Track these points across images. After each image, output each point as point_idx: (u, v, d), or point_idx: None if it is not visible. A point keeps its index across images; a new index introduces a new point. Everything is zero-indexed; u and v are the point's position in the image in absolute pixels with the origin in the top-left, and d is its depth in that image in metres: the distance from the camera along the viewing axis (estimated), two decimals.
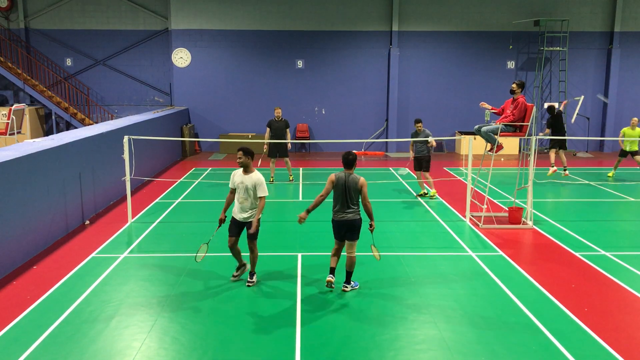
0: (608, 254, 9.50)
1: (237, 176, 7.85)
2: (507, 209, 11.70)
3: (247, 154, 7.74)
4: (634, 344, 6.36)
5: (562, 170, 15.75)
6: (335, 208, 7.66)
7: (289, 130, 15.15)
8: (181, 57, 21.40)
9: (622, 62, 21.88)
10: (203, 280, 8.21)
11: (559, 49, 21.53)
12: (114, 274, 8.45)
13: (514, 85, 10.93)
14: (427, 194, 13.72)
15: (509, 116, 10.93)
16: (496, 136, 10.98)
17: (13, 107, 18.19)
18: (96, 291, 7.78)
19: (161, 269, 8.73)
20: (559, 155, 15.85)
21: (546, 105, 16.03)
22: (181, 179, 15.91)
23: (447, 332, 6.62)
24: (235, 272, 8.24)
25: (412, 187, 14.88)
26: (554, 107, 15.88)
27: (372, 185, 13.54)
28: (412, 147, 13.79)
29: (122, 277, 8.36)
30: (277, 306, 7.34)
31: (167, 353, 6.12)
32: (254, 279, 8.04)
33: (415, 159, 13.66)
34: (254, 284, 8.01)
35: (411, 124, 21.98)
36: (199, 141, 21.90)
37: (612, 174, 16.34)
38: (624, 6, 21.54)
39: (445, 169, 17.94)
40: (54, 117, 21.30)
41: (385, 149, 22.14)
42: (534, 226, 11.14)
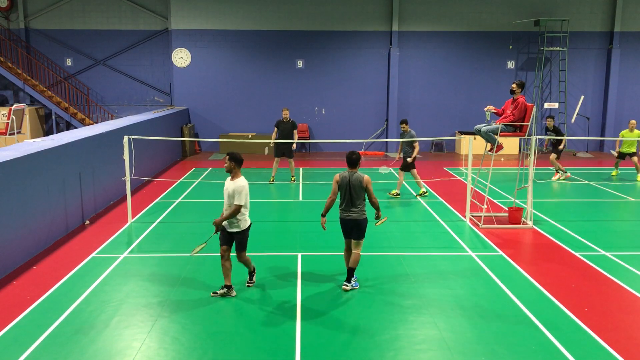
0: (608, 254, 9.50)
1: (226, 182, 7.57)
2: (507, 209, 11.70)
3: (232, 159, 7.38)
4: (634, 344, 6.36)
5: (563, 173, 15.89)
6: (341, 207, 7.80)
7: (296, 132, 15.24)
8: (181, 57, 21.41)
9: (622, 62, 21.87)
10: (203, 280, 8.21)
11: (559, 49, 21.53)
12: (114, 274, 8.45)
13: (513, 85, 10.93)
14: (425, 193, 13.71)
15: (509, 116, 10.92)
16: (496, 136, 10.98)
17: (13, 107, 18.19)
18: (96, 291, 7.78)
19: (161, 269, 8.73)
20: (553, 160, 15.90)
21: (549, 124, 15.97)
22: (181, 179, 15.91)
23: (447, 332, 6.62)
24: (249, 279, 8.08)
25: (412, 187, 14.88)
26: (552, 122, 15.95)
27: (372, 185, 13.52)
28: (400, 147, 13.80)
29: (122, 277, 8.36)
30: (277, 306, 7.34)
31: (167, 353, 6.12)
32: (253, 279, 8.06)
33: (403, 159, 13.65)
34: (253, 284, 8.03)
35: (411, 124, 21.82)
36: (199, 141, 21.90)
37: (615, 172, 16.37)
38: (624, 6, 21.53)
39: (445, 169, 17.94)
40: (54, 117, 21.30)
41: (385, 149, 22.13)
42: (534, 226, 11.14)
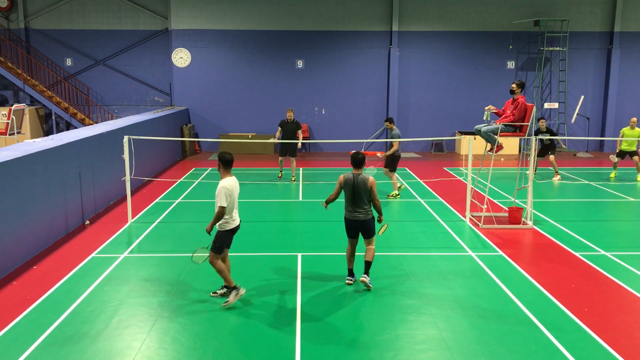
0: (608, 254, 9.50)
1: None
2: (507, 209, 11.70)
3: (218, 159, 7.21)
4: (634, 344, 6.36)
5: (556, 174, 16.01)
6: (347, 208, 7.79)
7: (300, 132, 15.43)
8: (181, 57, 21.41)
9: (622, 62, 21.87)
10: (203, 280, 8.21)
11: (559, 49, 21.53)
12: (114, 274, 8.45)
13: (513, 86, 10.93)
14: (397, 195, 13.59)
15: (509, 116, 10.92)
16: (496, 136, 10.98)
17: (13, 107, 18.19)
18: (96, 291, 7.78)
19: (161, 269, 8.73)
20: (553, 161, 15.93)
21: (542, 126, 15.94)
22: (181, 179, 15.91)
23: (447, 332, 6.62)
24: (219, 290, 7.67)
25: (412, 188, 14.89)
26: (544, 123, 15.97)
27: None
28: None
29: (122, 277, 8.36)
30: (277, 306, 7.34)
31: (167, 353, 6.12)
32: (219, 292, 7.55)
33: (391, 158, 13.63)
34: (216, 295, 7.51)
35: (411, 124, 22.06)
36: (199, 141, 21.90)
37: (613, 174, 16.33)
38: (624, 6, 21.54)
39: (445, 169, 17.94)
40: (54, 117, 21.30)
41: (385, 149, 22.11)
42: (534, 226, 11.13)
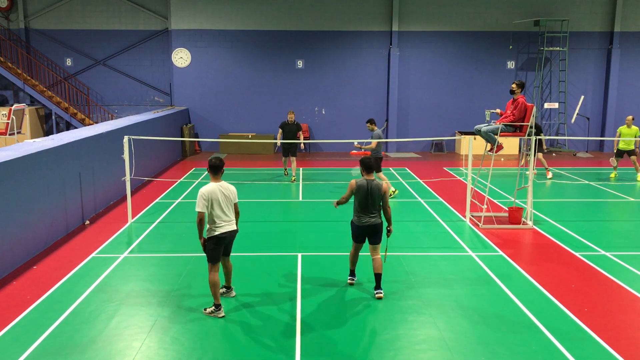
0: (608, 254, 9.50)
1: None
2: (507, 209, 11.70)
3: (207, 164, 7.08)
4: (634, 344, 6.36)
5: (546, 170, 16.10)
6: (357, 213, 7.66)
7: (301, 133, 15.71)
8: (181, 57, 21.41)
9: (622, 62, 21.88)
10: (203, 280, 8.19)
11: (559, 49, 21.53)
12: (114, 274, 8.45)
13: (513, 86, 10.93)
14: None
15: (509, 116, 10.92)
16: (496, 136, 10.98)
17: (13, 107, 18.19)
18: (96, 291, 7.78)
19: (161, 269, 8.73)
20: (541, 158, 15.94)
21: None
22: (181, 179, 15.91)
23: (447, 332, 6.62)
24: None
25: (412, 187, 14.88)
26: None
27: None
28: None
29: (122, 277, 8.36)
30: (277, 306, 7.33)
31: (167, 353, 6.12)
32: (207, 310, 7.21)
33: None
34: (205, 310, 7.17)
35: (411, 124, 22.06)
36: (199, 141, 21.90)
37: (614, 174, 16.33)
38: (624, 6, 21.54)
39: (445, 169, 17.94)
40: (54, 117, 21.30)
41: (385, 149, 22.14)
42: (534, 226, 11.13)
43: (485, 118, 11.23)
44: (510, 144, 20.33)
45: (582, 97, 19.06)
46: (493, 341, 6.38)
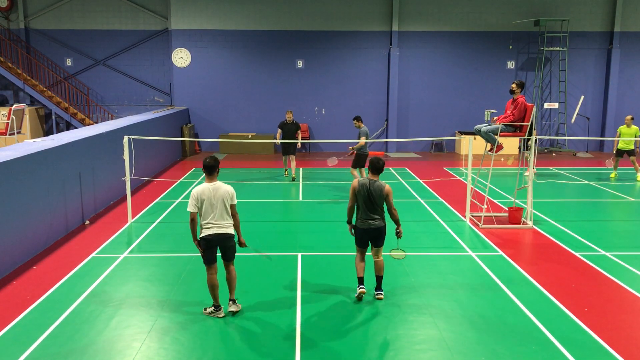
0: (608, 254, 9.50)
1: None
2: (507, 209, 11.70)
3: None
4: (633, 344, 6.36)
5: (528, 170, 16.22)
6: (359, 215, 7.42)
7: (299, 132, 15.91)
8: (181, 57, 21.40)
9: (622, 62, 21.87)
10: (203, 280, 8.17)
11: (559, 49, 21.53)
12: (114, 274, 8.45)
13: (513, 85, 10.93)
14: None
15: (509, 116, 10.92)
16: (496, 136, 10.98)
17: (13, 107, 18.18)
18: (96, 291, 7.78)
19: (161, 269, 8.73)
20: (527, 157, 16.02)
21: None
22: (181, 179, 15.91)
23: (447, 332, 6.61)
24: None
25: (412, 187, 14.88)
26: None
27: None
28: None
29: (122, 277, 8.36)
30: (277, 306, 7.33)
31: (167, 353, 6.12)
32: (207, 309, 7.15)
33: (356, 155, 13.64)
34: (204, 310, 7.12)
35: (411, 124, 22.05)
36: (199, 141, 21.90)
37: (614, 174, 16.32)
38: (624, 6, 21.53)
39: (445, 169, 17.94)
40: (54, 117, 21.29)
41: (385, 149, 22.14)
42: (534, 226, 11.13)
43: (485, 118, 11.22)
44: (510, 144, 20.32)
45: (582, 97, 19.03)
46: (493, 341, 6.38)
